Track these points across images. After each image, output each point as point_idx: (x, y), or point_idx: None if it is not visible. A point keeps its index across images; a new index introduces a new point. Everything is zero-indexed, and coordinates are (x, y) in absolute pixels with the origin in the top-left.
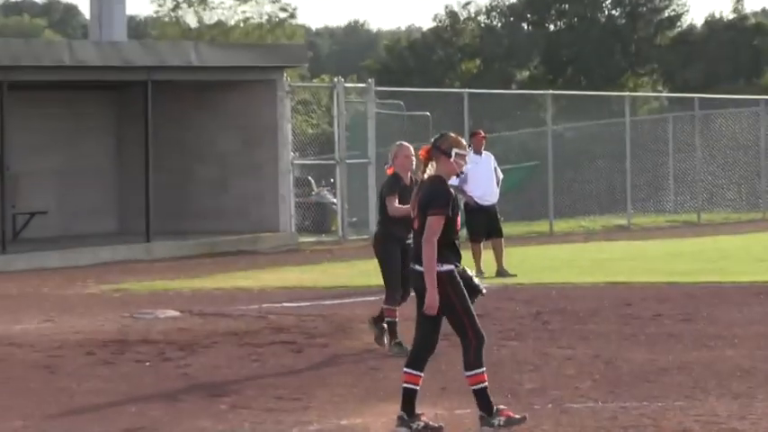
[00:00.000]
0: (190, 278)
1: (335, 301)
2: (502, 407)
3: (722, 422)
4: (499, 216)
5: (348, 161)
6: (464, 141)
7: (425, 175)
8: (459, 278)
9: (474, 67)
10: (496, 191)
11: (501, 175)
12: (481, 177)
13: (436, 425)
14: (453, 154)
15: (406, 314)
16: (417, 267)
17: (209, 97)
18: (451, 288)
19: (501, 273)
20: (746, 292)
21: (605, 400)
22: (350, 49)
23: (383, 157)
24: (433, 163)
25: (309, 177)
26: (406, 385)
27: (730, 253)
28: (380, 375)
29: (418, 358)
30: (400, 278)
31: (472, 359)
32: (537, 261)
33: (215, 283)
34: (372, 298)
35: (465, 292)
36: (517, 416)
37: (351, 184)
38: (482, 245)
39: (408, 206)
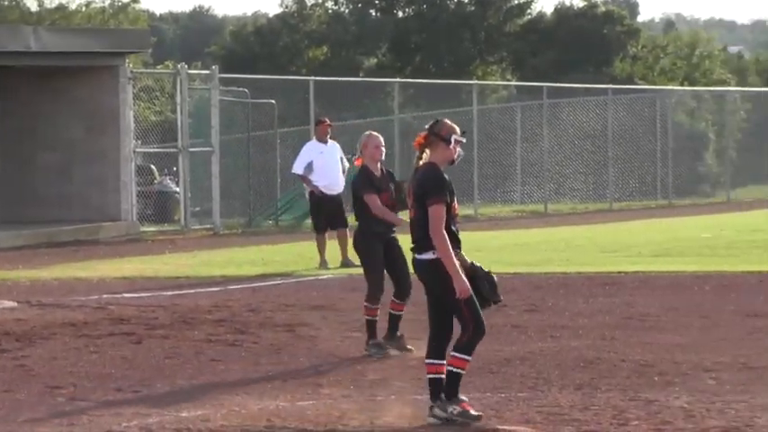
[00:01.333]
0: (28, 268)
1: (177, 292)
2: (464, 398)
3: (565, 413)
4: (344, 206)
5: (191, 149)
6: (458, 128)
7: (421, 162)
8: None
9: (321, 54)
10: (342, 181)
11: (347, 165)
12: (327, 167)
13: (476, 413)
14: (453, 140)
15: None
16: (418, 257)
17: (52, 83)
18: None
19: (346, 263)
20: (592, 282)
21: None
22: (195, 35)
23: (227, 145)
24: (428, 150)
25: (152, 166)
26: (431, 376)
27: (577, 243)
28: (221, 367)
29: (439, 348)
30: (383, 276)
31: (463, 344)
32: None
33: (54, 274)
34: (215, 289)
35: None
36: (474, 413)
37: (194, 172)
38: (326, 234)
39: (387, 206)
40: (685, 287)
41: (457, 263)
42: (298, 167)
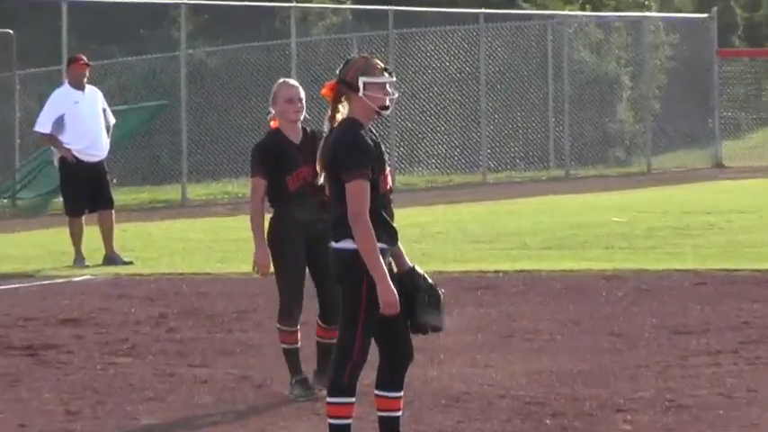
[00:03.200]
0: None
1: None
2: None
3: None
4: (109, 178)
5: None
6: (379, 63)
7: (336, 120)
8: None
9: None
10: (106, 142)
11: (113, 120)
12: (83, 122)
13: None
14: (361, 85)
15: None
16: (335, 245)
17: None
18: (369, 280)
19: (111, 259)
20: (458, 285)
21: None
22: None
23: None
24: (344, 104)
25: None
26: (381, 413)
27: (436, 231)
28: None
29: (392, 375)
30: (301, 285)
31: (340, 381)
32: (163, 242)
33: None
34: None
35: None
36: None
37: None
38: (84, 219)
39: (307, 184)
40: (589, 292)
41: (384, 265)
42: (43, 124)
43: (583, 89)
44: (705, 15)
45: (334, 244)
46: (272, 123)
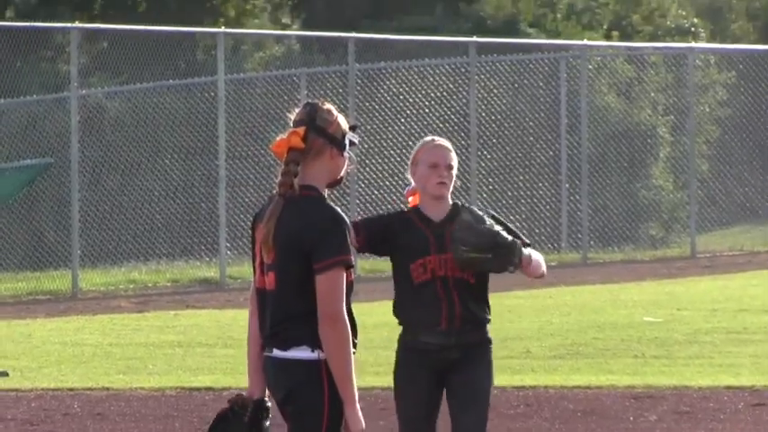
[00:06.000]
0: None
1: None
2: None
3: None
4: None
5: None
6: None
7: (293, 184)
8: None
9: None
10: None
11: None
12: None
13: None
14: (348, 142)
15: None
16: (281, 354)
17: None
18: (332, 399)
19: None
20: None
21: None
22: None
23: None
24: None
25: None
26: None
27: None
28: None
29: None
30: None
31: None
32: (48, 347)
33: None
34: None
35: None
36: None
37: None
38: None
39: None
40: (612, 416)
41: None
42: None
43: (607, 145)
44: None
45: (278, 352)
46: (410, 200)
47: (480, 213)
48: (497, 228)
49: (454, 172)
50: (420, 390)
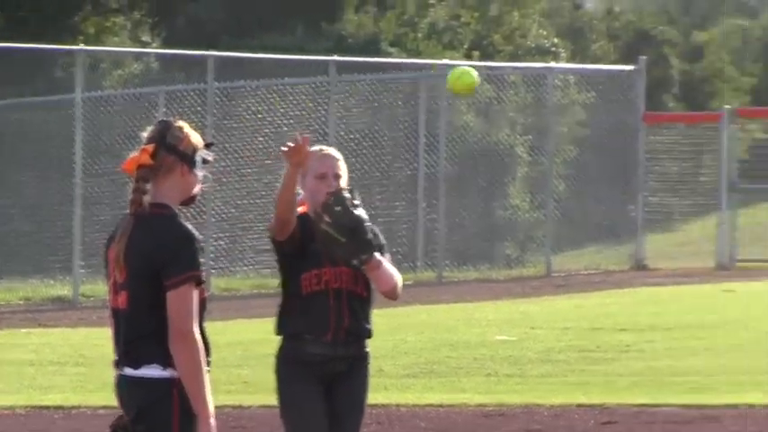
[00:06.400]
0: None
1: None
2: None
3: None
4: None
5: None
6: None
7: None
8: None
9: None
10: None
11: None
12: None
13: None
14: (199, 159)
15: None
16: (131, 372)
17: None
18: (182, 417)
19: None
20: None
21: None
22: None
23: None
24: (152, 178)
25: None
26: None
27: (263, 351)
28: None
29: None
30: None
31: None
32: None
33: None
34: None
35: None
36: None
37: None
38: None
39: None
40: None
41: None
42: None
43: (464, 165)
44: (631, 68)
45: (129, 371)
46: (300, 207)
47: (359, 206)
48: (367, 223)
49: (343, 181)
50: (316, 402)
